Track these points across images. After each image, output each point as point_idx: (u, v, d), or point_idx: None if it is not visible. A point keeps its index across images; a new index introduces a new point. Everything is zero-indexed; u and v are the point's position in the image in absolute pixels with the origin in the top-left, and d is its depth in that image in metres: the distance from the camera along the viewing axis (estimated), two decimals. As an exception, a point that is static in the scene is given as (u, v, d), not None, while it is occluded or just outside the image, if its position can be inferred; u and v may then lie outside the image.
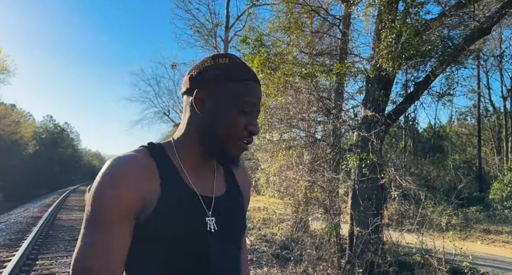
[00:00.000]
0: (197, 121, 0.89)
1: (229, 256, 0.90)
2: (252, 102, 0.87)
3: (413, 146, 13.98)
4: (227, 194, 0.96)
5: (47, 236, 8.26)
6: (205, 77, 0.88)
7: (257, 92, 0.90)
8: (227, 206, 0.92)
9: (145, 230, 0.79)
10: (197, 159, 0.90)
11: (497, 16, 5.43)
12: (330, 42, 9.67)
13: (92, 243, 0.75)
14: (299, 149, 6.86)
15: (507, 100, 18.85)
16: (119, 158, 0.82)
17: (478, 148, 18.82)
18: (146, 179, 0.81)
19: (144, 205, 0.79)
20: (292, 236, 7.57)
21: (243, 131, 0.87)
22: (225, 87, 0.87)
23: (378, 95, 6.07)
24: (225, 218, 0.90)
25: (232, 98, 0.86)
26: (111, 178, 0.78)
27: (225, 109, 0.86)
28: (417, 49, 5.69)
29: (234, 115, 0.86)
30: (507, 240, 10.38)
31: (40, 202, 19.45)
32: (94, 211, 0.76)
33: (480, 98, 19.63)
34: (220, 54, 0.91)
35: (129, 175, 0.79)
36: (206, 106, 0.87)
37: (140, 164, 0.82)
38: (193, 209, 0.85)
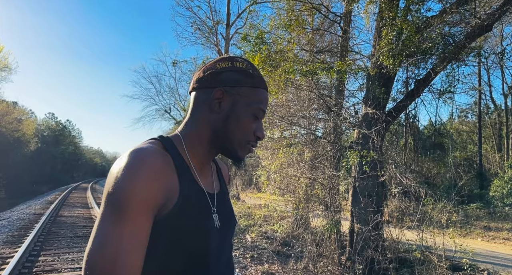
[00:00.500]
0: (210, 120, 0.90)
1: (227, 251, 0.94)
2: (263, 109, 0.92)
3: (413, 143, 13.97)
4: (222, 191, 1.00)
5: (50, 233, 8.31)
6: (224, 78, 0.90)
7: (267, 99, 0.94)
8: (223, 203, 0.96)
9: (164, 226, 0.78)
10: (204, 157, 0.92)
11: (498, 13, 5.41)
12: (330, 40, 9.67)
13: (118, 235, 0.71)
14: (299, 147, 6.88)
15: (508, 97, 18.82)
16: (141, 149, 0.80)
17: (479, 145, 18.80)
18: (169, 172, 0.81)
19: (168, 199, 0.79)
20: (292, 233, 7.60)
21: (252, 136, 0.91)
22: (242, 92, 0.90)
23: (378, 93, 6.08)
24: (224, 215, 0.93)
25: (246, 103, 0.89)
26: (136, 168, 0.75)
27: (241, 114, 0.89)
28: (417, 46, 5.69)
29: (248, 120, 0.89)
30: (507, 237, 10.41)
31: (42, 199, 19.53)
32: (118, 200, 0.73)
33: (481, 96, 19.59)
34: (238, 58, 0.93)
35: (154, 167, 0.77)
36: (223, 106, 0.89)
37: (161, 157, 0.81)
38: (205, 206, 0.88)
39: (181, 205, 0.80)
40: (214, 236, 0.86)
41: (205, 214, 0.86)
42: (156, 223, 0.78)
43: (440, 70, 5.90)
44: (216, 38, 18.26)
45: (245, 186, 23.39)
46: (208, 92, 0.90)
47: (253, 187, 22.84)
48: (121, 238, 0.71)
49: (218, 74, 0.90)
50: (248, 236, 8.15)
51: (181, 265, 0.81)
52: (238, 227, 9.02)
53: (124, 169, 0.75)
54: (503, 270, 6.56)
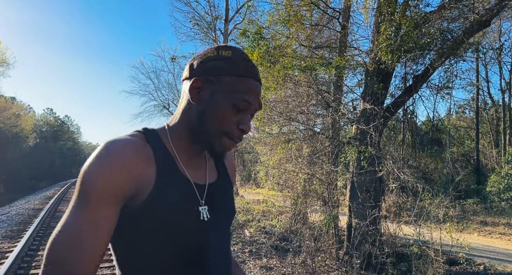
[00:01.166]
0: (190, 111, 0.88)
1: (221, 245, 0.90)
2: (247, 99, 0.85)
3: (411, 139, 14.02)
4: (218, 181, 0.96)
5: (49, 228, 8.34)
6: (205, 67, 0.86)
7: (255, 90, 0.87)
8: (219, 193, 0.93)
9: (137, 217, 0.77)
10: (190, 147, 0.90)
11: (497, 8, 5.42)
12: (329, 36, 9.64)
13: (77, 221, 0.72)
14: (298, 142, 6.90)
15: (506, 93, 18.87)
16: (114, 140, 0.79)
17: (476, 141, 18.87)
18: (142, 164, 0.79)
19: (138, 190, 0.77)
20: (291, 228, 7.65)
21: (233, 128, 0.85)
22: (222, 80, 0.85)
23: (377, 88, 6.09)
24: (217, 206, 0.90)
25: (227, 92, 0.84)
26: (105, 158, 0.75)
27: (218, 103, 0.84)
28: (416, 42, 5.69)
29: (226, 110, 0.84)
30: (503, 232, 10.50)
31: (41, 195, 19.55)
32: (84, 189, 0.73)
33: (479, 91, 19.63)
34: (225, 46, 0.89)
35: (125, 157, 0.76)
36: (201, 97, 0.86)
37: (136, 148, 0.79)
38: (187, 198, 0.84)
39: (155, 196, 0.78)
40: (196, 228, 0.83)
41: (185, 206, 0.83)
42: (129, 214, 0.77)
43: (438, 65, 5.91)
44: (215, 34, 18.21)
45: (244, 181, 23.47)
46: (189, 81, 0.88)
47: (252, 182, 22.92)
48: (80, 223, 0.72)
49: (203, 63, 0.87)
50: (246, 231, 8.20)
51: (167, 257, 0.80)
52: (237, 222, 9.07)
53: (93, 159, 0.76)
54: (499, 264, 6.63)
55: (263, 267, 5.65)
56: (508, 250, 8.30)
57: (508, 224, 11.39)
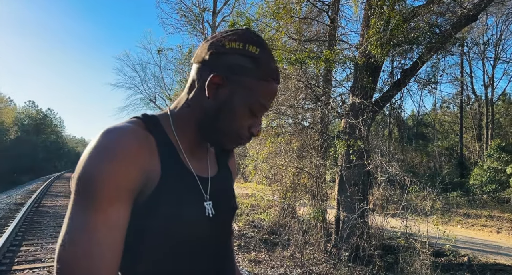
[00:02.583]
0: (203, 103, 0.80)
1: (223, 241, 0.87)
2: (264, 104, 0.81)
3: (398, 133, 14.21)
4: (219, 174, 0.91)
5: (32, 223, 8.14)
6: (228, 62, 0.78)
7: (274, 93, 0.82)
8: (221, 188, 0.88)
9: (141, 213, 0.71)
10: (195, 138, 0.84)
11: (484, 3, 5.47)
12: (318, 29, 9.62)
13: (89, 227, 0.63)
14: (287, 136, 6.88)
15: (489, 88, 19.28)
16: (114, 129, 0.70)
17: (460, 135, 19.27)
18: (147, 155, 0.72)
19: (145, 184, 0.71)
20: (279, 222, 7.66)
21: (245, 131, 0.82)
22: (245, 82, 0.78)
23: (366, 82, 6.10)
24: (220, 202, 0.85)
25: (248, 96, 0.78)
26: (109, 151, 0.66)
27: (237, 107, 0.78)
28: (405, 35, 5.71)
29: (243, 114, 0.79)
30: (485, 224, 10.78)
31: (23, 189, 19.08)
32: (89, 188, 0.64)
33: (463, 86, 19.99)
34: (252, 40, 0.79)
35: (130, 149, 0.69)
36: (218, 94, 0.79)
37: (139, 137, 0.72)
38: (192, 192, 0.79)
39: (162, 191, 0.72)
40: (203, 226, 0.78)
41: (192, 201, 0.78)
42: (135, 210, 0.70)
43: (427, 59, 5.95)
44: (203, 26, 17.94)
45: (231, 175, 23.35)
46: (208, 72, 0.79)
47: (240, 176, 22.90)
48: (92, 230, 0.63)
49: (224, 55, 0.78)
50: (235, 225, 8.18)
51: (166, 256, 0.74)
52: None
53: (94, 151, 0.66)
54: (482, 255, 6.80)
55: (252, 261, 5.64)
56: (490, 242, 8.53)
57: (489, 216, 11.71)
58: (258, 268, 5.38)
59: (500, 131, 18.85)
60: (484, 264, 6.13)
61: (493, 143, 15.46)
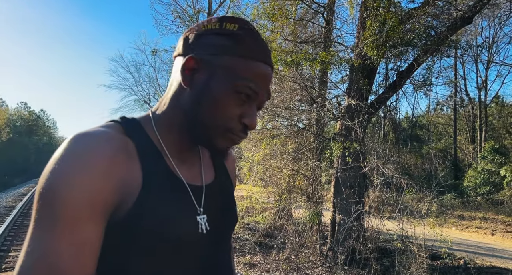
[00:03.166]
0: (182, 96, 0.69)
1: (221, 262, 0.75)
2: (253, 88, 0.67)
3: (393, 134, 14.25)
4: (216, 181, 0.79)
5: (22, 227, 7.99)
6: (203, 43, 0.68)
7: (265, 76, 0.69)
8: (218, 197, 0.76)
9: (119, 232, 0.60)
10: (182, 139, 0.72)
11: (480, 5, 5.48)
12: (313, 31, 9.60)
13: (51, 248, 0.52)
14: (282, 138, 6.83)
15: (482, 91, 19.43)
16: (86, 134, 0.60)
17: (454, 137, 19.39)
18: (124, 163, 0.61)
19: (122, 198, 0.60)
20: (275, 224, 7.60)
21: (236, 122, 0.68)
22: (224, 61, 0.66)
23: (362, 84, 6.08)
24: (217, 214, 0.73)
25: (228, 77, 0.66)
26: (76, 158, 0.56)
27: (216, 90, 0.66)
28: (401, 37, 5.70)
29: (226, 99, 0.66)
30: (479, 226, 10.81)
31: (14, 192, 18.81)
32: (54, 204, 0.54)
33: (457, 89, 20.13)
34: (231, 17, 0.70)
35: (103, 157, 0.58)
36: (195, 80, 0.67)
37: (115, 144, 0.61)
38: (182, 205, 0.67)
39: (143, 205, 0.61)
40: (195, 245, 0.67)
41: (181, 214, 0.66)
42: (112, 227, 0.60)
43: (422, 61, 5.95)
44: (197, 27, 17.87)
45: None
46: (182, 59, 0.69)
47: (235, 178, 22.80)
48: (56, 253, 0.53)
49: (201, 37, 0.68)
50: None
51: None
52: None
53: (60, 161, 0.56)
54: (477, 258, 6.78)
55: (247, 264, 5.57)
56: (485, 244, 8.53)
57: (484, 218, 11.74)
58: (253, 271, 5.31)
59: (494, 133, 19.00)
60: (481, 267, 6.11)
61: (487, 145, 15.57)
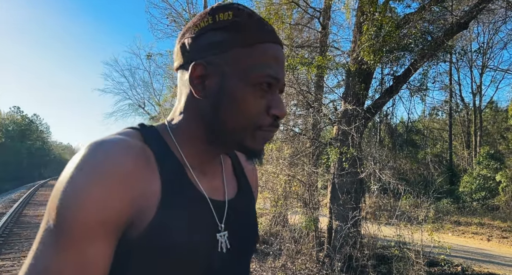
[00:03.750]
0: (197, 107, 0.64)
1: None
2: (270, 74, 0.61)
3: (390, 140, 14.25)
4: (239, 195, 0.74)
5: (11, 234, 7.78)
6: (203, 44, 0.62)
7: (277, 56, 0.63)
8: (241, 213, 0.71)
9: (135, 250, 0.56)
10: (204, 150, 0.67)
11: (476, 11, 5.48)
12: (308, 36, 9.60)
13: (53, 266, 0.50)
14: (278, 143, 6.75)
15: (476, 96, 19.55)
16: (103, 142, 0.56)
17: (449, 142, 19.45)
18: (144, 176, 0.57)
19: (139, 214, 0.56)
20: (270, 231, 7.49)
21: (264, 117, 0.63)
22: (230, 57, 0.61)
23: (359, 89, 6.05)
24: (239, 231, 0.68)
25: (241, 71, 0.61)
26: (94, 170, 0.52)
27: (236, 90, 0.61)
28: (398, 42, 5.69)
29: (247, 96, 0.61)
30: (476, 231, 10.78)
31: (5, 197, 18.48)
32: (63, 221, 0.50)
33: (452, 94, 20.25)
34: (222, 7, 0.63)
35: (123, 169, 0.54)
36: (208, 86, 0.63)
37: (135, 155, 0.57)
38: (202, 222, 0.62)
39: (160, 223, 0.56)
40: (213, 264, 0.62)
41: (201, 231, 0.61)
42: (126, 245, 0.55)
43: (419, 66, 5.93)
44: (192, 31, 17.86)
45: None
46: (186, 69, 0.65)
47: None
48: (60, 270, 0.50)
49: (196, 39, 0.63)
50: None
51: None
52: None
53: (74, 172, 0.52)
54: (475, 264, 6.72)
55: (242, 273, 5.46)
56: (481, 250, 8.49)
57: (480, 223, 11.72)
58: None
59: (488, 139, 19.10)
60: (478, 274, 6.05)
61: (482, 150, 15.62)
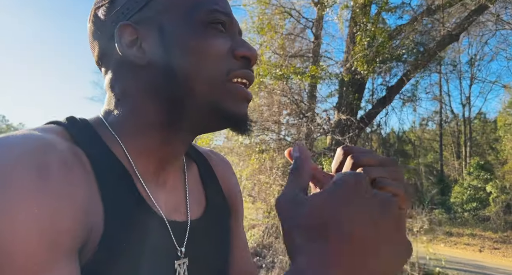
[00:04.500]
0: (143, 80, 0.49)
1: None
2: (218, 8, 0.49)
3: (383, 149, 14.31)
4: (207, 213, 0.58)
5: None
6: (120, 5, 0.49)
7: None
8: (207, 234, 0.57)
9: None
10: (161, 147, 0.51)
11: (468, 23, 5.56)
12: (300, 46, 9.66)
13: None
14: (271, 153, 6.69)
15: (466, 107, 19.86)
16: (8, 142, 0.39)
17: (440, 152, 19.63)
18: (80, 189, 0.41)
19: (82, 240, 0.41)
20: (263, 242, 7.36)
21: (230, 60, 0.49)
22: (161, 3, 0.49)
23: (352, 99, 6.05)
24: (203, 257, 0.55)
25: (182, 15, 0.48)
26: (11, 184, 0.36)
27: (183, 38, 0.48)
28: (391, 52, 5.74)
29: (201, 39, 0.47)
30: (468, 242, 10.78)
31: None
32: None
33: (442, 105, 20.55)
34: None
35: (38, 181, 0.37)
36: (147, 49, 0.48)
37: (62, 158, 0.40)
38: (157, 248, 0.49)
39: (108, 247, 0.43)
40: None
41: (155, 263, 0.48)
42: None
43: (411, 77, 5.98)
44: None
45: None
46: (111, 42, 0.49)
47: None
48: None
49: (112, 4, 0.50)
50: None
51: None
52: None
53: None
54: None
55: (234, 286, 5.31)
56: (474, 261, 8.46)
57: (471, 234, 11.74)
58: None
59: (478, 149, 19.33)
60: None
61: (472, 161, 15.76)
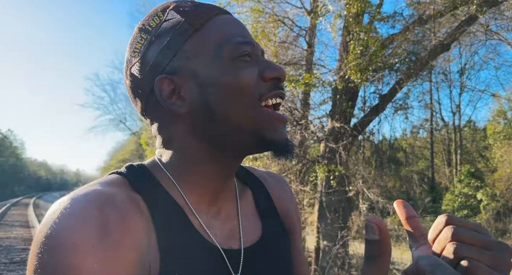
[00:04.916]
0: (187, 124, 0.54)
1: None
2: (241, 40, 0.53)
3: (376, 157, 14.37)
4: (263, 240, 0.60)
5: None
6: (152, 60, 0.53)
7: (236, 23, 0.57)
8: (264, 260, 0.58)
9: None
10: (212, 179, 0.56)
11: (459, 32, 5.64)
12: (294, 54, 9.70)
13: None
14: (265, 160, 6.63)
15: (456, 115, 20.11)
16: (82, 199, 0.45)
17: (431, 160, 19.80)
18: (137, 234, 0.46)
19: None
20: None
21: (260, 84, 0.53)
22: (189, 50, 0.52)
23: (346, 106, 6.06)
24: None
25: (211, 56, 0.52)
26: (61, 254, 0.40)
27: (216, 76, 0.51)
28: (384, 61, 5.77)
29: (232, 73, 0.51)
30: (460, 250, 10.81)
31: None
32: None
33: (432, 113, 20.79)
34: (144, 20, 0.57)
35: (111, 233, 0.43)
36: (186, 97, 0.53)
37: (120, 210, 0.46)
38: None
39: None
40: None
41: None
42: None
43: (404, 85, 6.02)
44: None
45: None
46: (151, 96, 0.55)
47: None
48: None
49: (143, 60, 0.54)
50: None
51: None
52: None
53: (44, 240, 0.41)
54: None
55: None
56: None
57: (463, 241, 11.78)
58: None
59: (468, 157, 19.54)
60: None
61: (463, 168, 15.91)
